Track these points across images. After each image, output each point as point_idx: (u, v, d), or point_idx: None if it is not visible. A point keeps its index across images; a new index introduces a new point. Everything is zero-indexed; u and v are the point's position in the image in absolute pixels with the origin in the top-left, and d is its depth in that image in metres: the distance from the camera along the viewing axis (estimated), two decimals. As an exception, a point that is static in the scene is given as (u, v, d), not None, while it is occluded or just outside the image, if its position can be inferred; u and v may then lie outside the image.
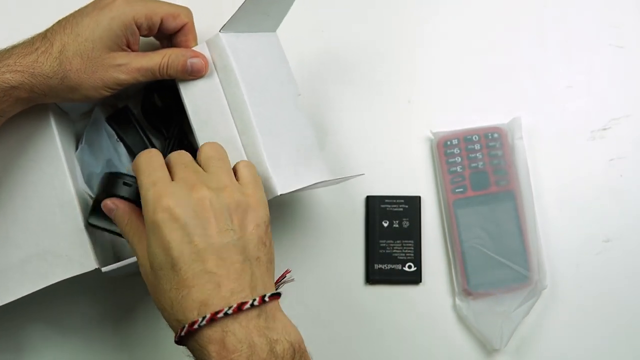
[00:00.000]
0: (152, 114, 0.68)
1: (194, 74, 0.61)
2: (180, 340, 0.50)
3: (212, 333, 0.48)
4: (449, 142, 0.71)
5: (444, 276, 0.70)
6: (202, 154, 0.56)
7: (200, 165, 0.55)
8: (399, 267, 0.70)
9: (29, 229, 0.62)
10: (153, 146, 0.69)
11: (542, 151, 0.72)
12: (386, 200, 0.71)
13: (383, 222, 0.70)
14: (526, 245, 0.69)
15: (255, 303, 0.49)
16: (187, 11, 0.63)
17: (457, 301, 0.69)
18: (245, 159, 0.59)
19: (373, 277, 0.70)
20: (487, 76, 0.74)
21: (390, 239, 0.70)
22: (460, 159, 0.71)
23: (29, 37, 0.59)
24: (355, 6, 0.76)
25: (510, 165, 0.70)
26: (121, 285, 0.70)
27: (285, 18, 0.66)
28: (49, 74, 0.58)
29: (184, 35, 0.63)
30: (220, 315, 0.48)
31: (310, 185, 0.61)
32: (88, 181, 0.66)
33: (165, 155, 0.55)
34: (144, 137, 0.69)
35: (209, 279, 0.49)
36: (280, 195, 0.58)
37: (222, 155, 0.56)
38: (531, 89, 0.74)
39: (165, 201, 0.51)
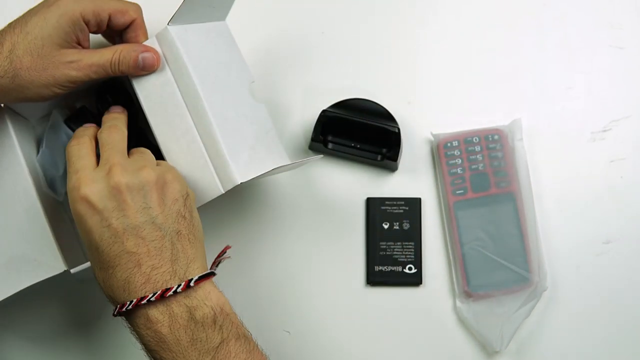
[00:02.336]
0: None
1: (146, 68, 0.61)
2: (116, 315, 0.54)
3: (138, 310, 0.53)
4: (449, 144, 0.71)
5: (444, 278, 0.70)
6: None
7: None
8: (400, 268, 0.70)
9: None
10: None
11: (543, 152, 0.72)
12: (386, 202, 0.71)
13: (383, 224, 0.70)
14: (526, 246, 0.69)
15: (179, 290, 0.53)
16: (136, 7, 0.64)
17: (458, 303, 0.69)
18: (204, 150, 0.60)
19: (373, 278, 0.70)
20: (487, 77, 0.74)
21: (390, 240, 0.70)
22: (460, 161, 0.71)
23: None
24: (355, 6, 0.76)
25: (510, 167, 0.70)
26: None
27: (286, 18, 0.66)
28: None
29: (134, 31, 0.63)
30: (144, 302, 0.52)
31: (270, 171, 0.61)
32: (51, 185, 0.66)
33: None
34: None
35: (129, 259, 0.53)
36: (241, 183, 0.59)
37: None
38: (531, 90, 0.74)
39: (83, 190, 0.54)
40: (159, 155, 0.61)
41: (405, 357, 0.69)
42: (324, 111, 0.70)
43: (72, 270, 0.61)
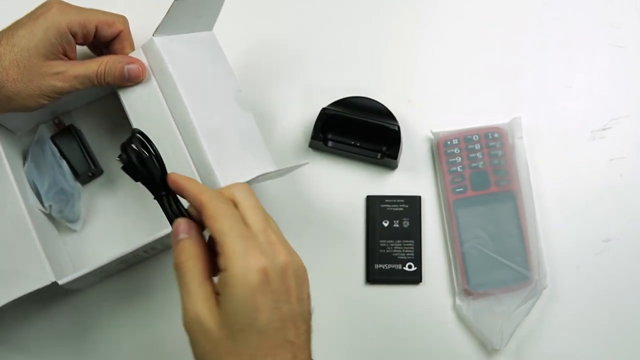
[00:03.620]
0: None
1: (132, 79, 0.62)
2: None
3: None
4: (449, 142, 0.71)
5: (444, 276, 0.70)
6: (241, 203, 0.51)
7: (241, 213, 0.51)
8: (399, 267, 0.70)
9: None
10: (94, 164, 0.70)
11: (542, 151, 0.72)
12: (386, 200, 0.71)
13: (383, 222, 0.70)
14: (526, 245, 0.69)
15: None
16: (122, 19, 0.64)
17: (457, 301, 0.69)
18: (189, 160, 0.61)
19: (373, 277, 0.70)
20: (487, 76, 0.74)
21: (390, 238, 0.70)
22: (460, 159, 0.71)
23: None
24: (356, 5, 0.76)
25: (510, 165, 0.70)
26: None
27: (286, 16, 0.66)
28: None
29: (120, 43, 0.64)
30: None
31: (255, 178, 0.61)
32: (38, 197, 0.67)
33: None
34: (86, 155, 0.70)
35: (289, 349, 0.49)
36: None
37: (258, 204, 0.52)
38: (531, 89, 0.74)
39: (260, 261, 0.47)
40: None
41: (405, 355, 0.69)
42: (324, 109, 0.70)
43: (60, 282, 0.61)
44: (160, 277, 0.70)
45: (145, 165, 0.51)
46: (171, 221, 0.51)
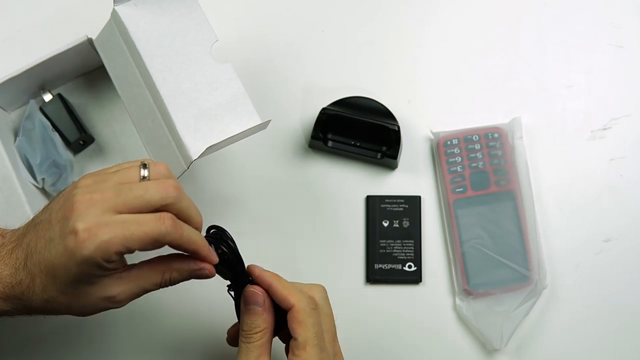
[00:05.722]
0: None
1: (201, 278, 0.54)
2: None
3: None
4: (449, 142, 0.71)
5: (444, 276, 0.70)
6: (321, 309, 0.57)
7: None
8: (399, 266, 0.70)
9: None
10: (85, 131, 0.71)
11: (542, 151, 0.72)
12: (386, 200, 0.71)
13: (383, 222, 0.70)
14: (526, 245, 0.69)
15: None
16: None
17: (457, 301, 0.69)
18: (165, 128, 0.60)
19: (373, 276, 0.70)
20: (487, 76, 0.74)
21: (390, 238, 0.70)
22: (460, 159, 0.71)
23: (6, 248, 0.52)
24: (356, 4, 0.76)
25: (510, 165, 0.70)
26: None
27: (286, 16, 0.66)
28: (34, 307, 0.51)
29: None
30: None
31: (227, 139, 0.60)
32: (30, 171, 0.67)
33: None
34: (77, 124, 0.70)
35: None
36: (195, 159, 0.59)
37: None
38: (531, 89, 0.74)
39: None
40: None
41: (405, 355, 0.69)
42: (324, 109, 0.70)
43: None
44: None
45: (230, 264, 0.55)
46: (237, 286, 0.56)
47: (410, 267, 0.70)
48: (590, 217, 0.71)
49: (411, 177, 0.72)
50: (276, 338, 0.58)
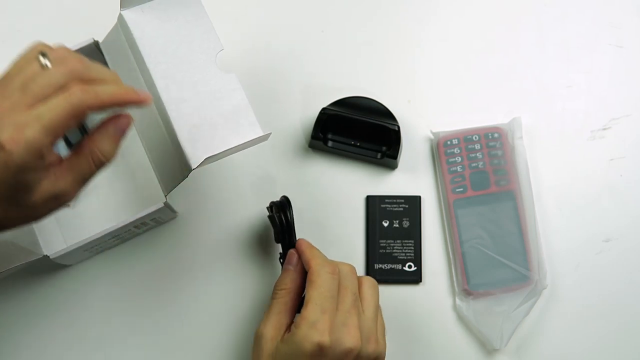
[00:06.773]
0: None
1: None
2: None
3: None
4: (449, 142, 0.71)
5: (444, 276, 0.70)
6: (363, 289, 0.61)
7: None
8: (399, 266, 0.70)
9: None
10: (86, 132, 0.69)
11: (542, 151, 0.72)
12: (386, 200, 0.71)
13: (383, 222, 0.70)
14: (526, 245, 0.69)
15: None
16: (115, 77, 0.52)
17: (457, 301, 0.69)
18: (167, 137, 0.60)
19: (373, 276, 0.69)
20: (487, 76, 0.74)
21: (390, 238, 0.70)
22: (460, 159, 0.71)
23: None
24: (355, 6, 0.76)
25: (510, 165, 0.70)
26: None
27: (286, 16, 0.66)
28: None
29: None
30: None
31: (226, 151, 0.59)
32: None
33: None
34: (79, 125, 0.69)
35: None
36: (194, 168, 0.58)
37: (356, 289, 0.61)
38: (531, 89, 0.74)
39: (321, 336, 0.55)
40: None
41: (405, 355, 0.69)
42: (323, 109, 0.70)
43: (50, 255, 0.61)
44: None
45: (282, 230, 0.64)
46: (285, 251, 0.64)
47: (410, 267, 0.70)
48: (590, 217, 0.71)
49: (411, 177, 0.72)
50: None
